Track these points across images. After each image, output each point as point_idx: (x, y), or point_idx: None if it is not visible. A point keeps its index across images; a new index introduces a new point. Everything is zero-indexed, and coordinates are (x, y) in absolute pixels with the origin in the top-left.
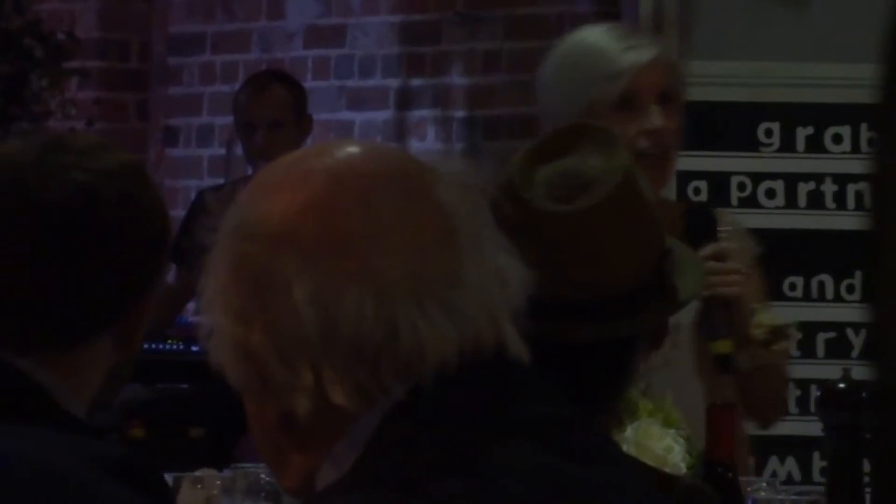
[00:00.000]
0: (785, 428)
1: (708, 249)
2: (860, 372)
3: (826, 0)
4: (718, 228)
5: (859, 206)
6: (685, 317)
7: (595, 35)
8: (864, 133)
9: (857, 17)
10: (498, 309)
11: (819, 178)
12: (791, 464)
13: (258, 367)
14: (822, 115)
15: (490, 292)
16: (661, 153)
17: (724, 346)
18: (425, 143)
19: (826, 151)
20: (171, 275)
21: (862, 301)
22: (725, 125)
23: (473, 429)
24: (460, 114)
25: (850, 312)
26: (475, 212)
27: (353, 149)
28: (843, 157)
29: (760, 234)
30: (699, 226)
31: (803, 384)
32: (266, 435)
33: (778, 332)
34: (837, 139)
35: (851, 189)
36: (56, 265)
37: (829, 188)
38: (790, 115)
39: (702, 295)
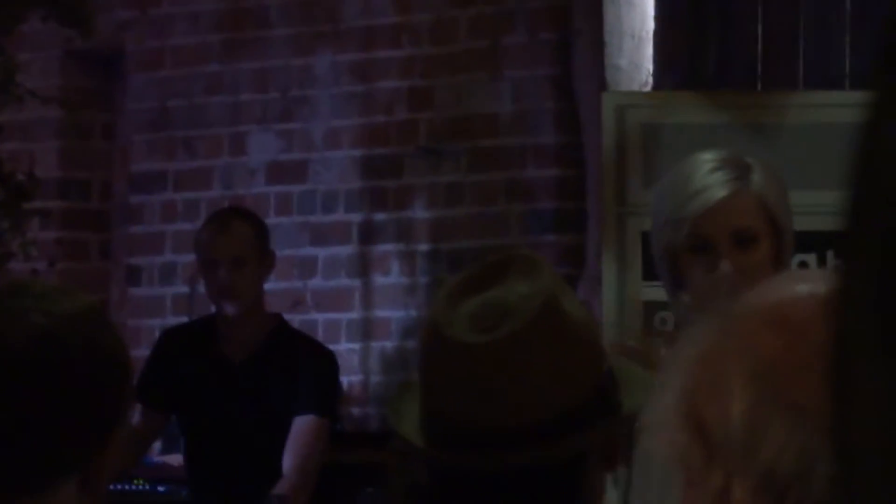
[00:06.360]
0: None
1: None
2: None
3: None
4: None
5: None
6: None
7: (686, 169)
8: (831, 260)
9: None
10: None
11: None
12: None
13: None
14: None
15: None
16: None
17: None
18: (389, 278)
19: None
20: (135, 415)
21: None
22: None
23: None
24: (424, 247)
25: None
26: None
27: None
28: None
29: None
30: None
31: None
32: None
33: None
34: (803, 267)
35: None
36: (17, 411)
37: None
38: None
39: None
